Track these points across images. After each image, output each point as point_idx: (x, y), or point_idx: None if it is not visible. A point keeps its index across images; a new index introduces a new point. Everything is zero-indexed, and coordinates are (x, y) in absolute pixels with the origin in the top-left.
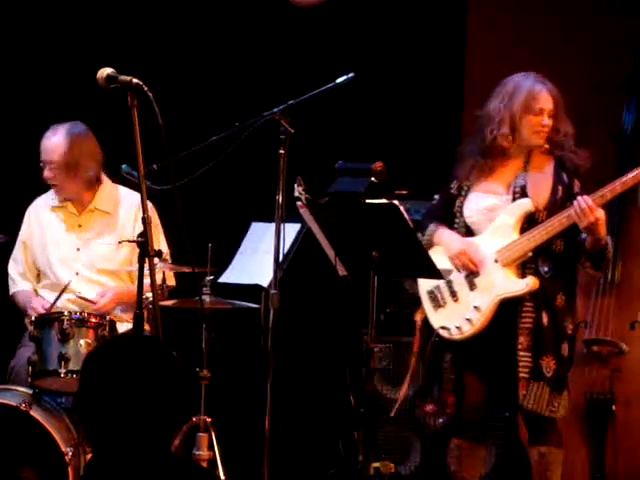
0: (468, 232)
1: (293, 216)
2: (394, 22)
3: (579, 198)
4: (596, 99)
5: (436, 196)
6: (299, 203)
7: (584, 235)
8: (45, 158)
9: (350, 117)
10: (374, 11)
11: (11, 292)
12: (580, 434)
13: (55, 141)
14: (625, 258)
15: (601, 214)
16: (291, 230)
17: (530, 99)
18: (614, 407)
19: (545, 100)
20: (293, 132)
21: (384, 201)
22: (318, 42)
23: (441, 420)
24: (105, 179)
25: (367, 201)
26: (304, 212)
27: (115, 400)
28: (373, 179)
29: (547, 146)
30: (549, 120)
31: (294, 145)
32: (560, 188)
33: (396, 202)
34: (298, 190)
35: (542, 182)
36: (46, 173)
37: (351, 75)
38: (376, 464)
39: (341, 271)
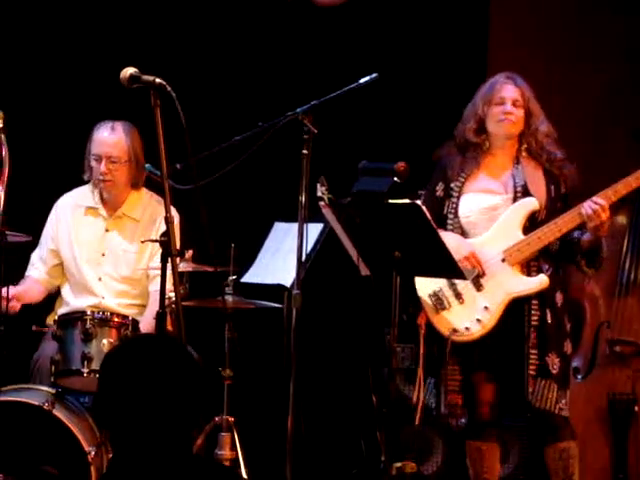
0: (462, 233)
1: (316, 216)
2: (417, 22)
3: (592, 199)
4: (616, 95)
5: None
6: (322, 203)
7: (577, 234)
8: (103, 152)
9: (373, 117)
10: (396, 11)
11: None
12: (602, 434)
13: (116, 136)
14: None
15: (608, 213)
16: (314, 230)
17: (491, 91)
18: (636, 407)
19: (506, 90)
20: (316, 132)
21: (407, 201)
22: (341, 42)
23: (463, 420)
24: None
25: (390, 201)
26: (327, 212)
27: (134, 400)
28: (396, 179)
29: (530, 146)
30: (513, 108)
31: (317, 145)
32: (552, 187)
33: (419, 202)
34: (321, 190)
35: (537, 182)
36: (103, 168)
37: (374, 75)
38: (398, 464)
39: (363, 271)
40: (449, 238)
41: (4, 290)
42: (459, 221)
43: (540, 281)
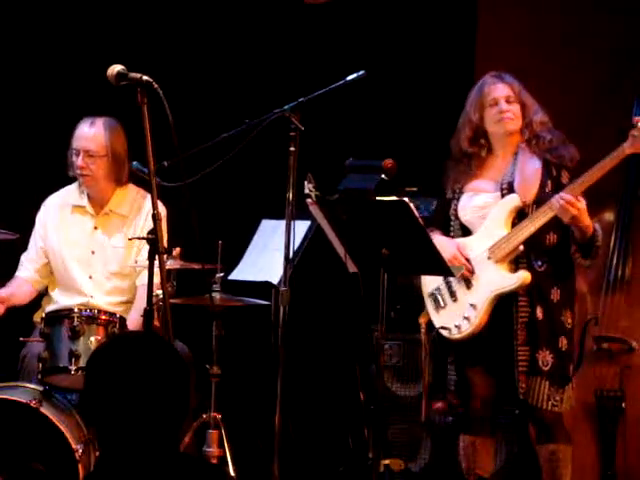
0: (465, 232)
1: (303, 213)
2: (404, 20)
3: (556, 196)
4: (607, 92)
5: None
6: (309, 200)
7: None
8: (81, 146)
9: (360, 114)
10: (384, 9)
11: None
12: (590, 431)
13: (95, 131)
14: (635, 255)
15: (582, 204)
16: (301, 227)
17: (480, 95)
18: (624, 404)
19: (496, 89)
20: (303, 129)
21: (394, 198)
22: (329, 39)
23: (450, 417)
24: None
25: (377, 198)
26: (314, 209)
27: (120, 398)
28: (383, 176)
29: (528, 137)
30: (508, 105)
31: (304, 142)
32: (549, 182)
33: (406, 199)
34: (308, 187)
35: (531, 177)
36: (80, 162)
37: (362, 72)
38: (386, 461)
39: (351, 268)
40: (437, 239)
41: None
42: (459, 222)
43: (519, 277)
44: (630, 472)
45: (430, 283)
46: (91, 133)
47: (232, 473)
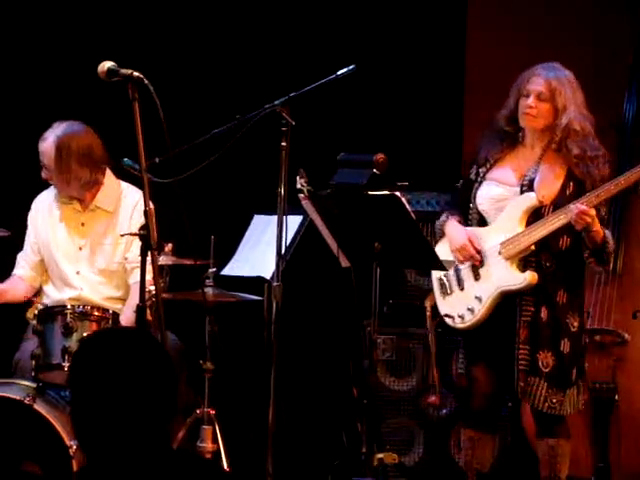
0: (481, 219)
1: (295, 208)
2: (395, 14)
3: (572, 206)
4: (596, 86)
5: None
6: (301, 195)
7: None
8: (41, 160)
9: (352, 109)
10: (375, 3)
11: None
12: (583, 423)
13: (46, 145)
14: (627, 248)
15: (593, 213)
16: (293, 222)
17: (522, 82)
18: (617, 396)
19: (534, 82)
20: (294, 124)
21: (386, 192)
22: (319, 34)
23: (444, 411)
24: (108, 176)
25: (369, 192)
26: (306, 204)
27: (106, 394)
28: (375, 171)
29: (557, 140)
30: (536, 102)
31: (295, 137)
32: (572, 184)
33: (398, 193)
34: (300, 182)
35: (552, 177)
36: (42, 174)
37: (352, 67)
38: (380, 455)
39: (344, 263)
40: (448, 227)
41: None
42: (476, 208)
43: (525, 278)
44: (623, 464)
45: None
46: (43, 148)
47: (226, 468)
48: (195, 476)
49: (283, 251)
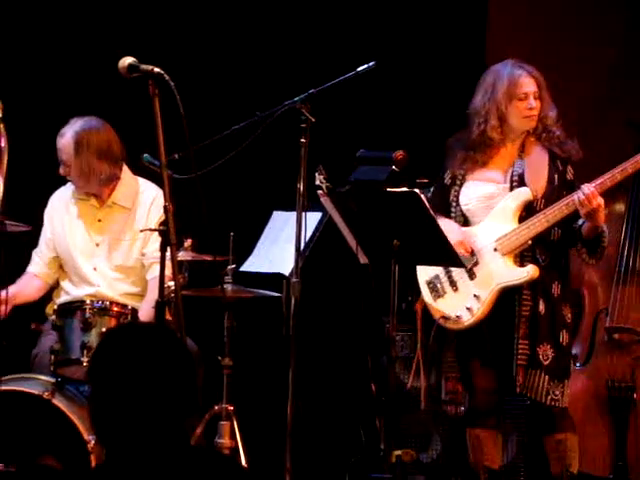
0: (465, 221)
1: (314, 205)
2: (415, 10)
3: (583, 186)
4: (613, 83)
5: (431, 189)
6: (320, 192)
7: (580, 221)
8: (59, 156)
9: (371, 106)
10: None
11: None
12: (601, 422)
13: (64, 141)
14: None
15: (601, 201)
16: (312, 219)
17: (512, 86)
18: (635, 395)
19: (527, 83)
20: (314, 121)
21: (405, 189)
22: (339, 30)
23: (462, 408)
24: (125, 172)
25: (388, 189)
26: (325, 201)
27: (126, 390)
28: (394, 167)
29: (538, 131)
30: (536, 102)
31: (315, 134)
32: (556, 176)
33: (417, 190)
34: (319, 179)
35: (539, 170)
36: (60, 170)
37: (372, 63)
38: (397, 452)
39: (362, 259)
40: (443, 224)
41: (3, 292)
42: (460, 209)
43: (528, 272)
44: None
45: (428, 271)
46: (62, 144)
47: (244, 464)
48: (213, 472)
49: (302, 248)
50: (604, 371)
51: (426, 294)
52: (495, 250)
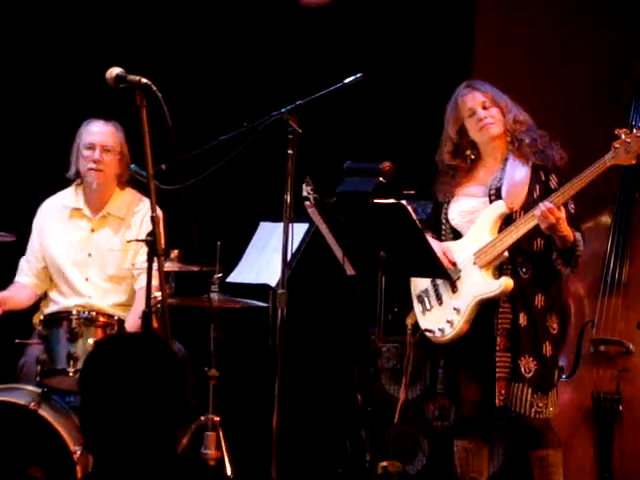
0: (455, 236)
1: (301, 216)
2: (402, 22)
3: (540, 204)
4: (603, 96)
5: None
6: (307, 203)
7: None
8: (98, 141)
9: (358, 117)
10: (381, 11)
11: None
12: (587, 434)
13: (112, 128)
14: (632, 257)
15: (561, 214)
16: (299, 230)
17: (457, 108)
18: (621, 407)
19: (469, 99)
20: (301, 132)
21: (392, 201)
22: (326, 42)
23: (447, 423)
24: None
25: (375, 201)
26: (312, 212)
27: (115, 400)
28: (381, 179)
29: (509, 141)
30: (485, 111)
31: (302, 145)
32: (537, 187)
33: (404, 202)
34: (306, 190)
35: (519, 183)
36: (97, 155)
37: (359, 75)
38: (384, 463)
39: (349, 271)
40: None
41: None
42: (449, 225)
43: (500, 284)
44: (627, 475)
45: (419, 284)
46: (108, 129)
47: (230, 475)
48: None
49: (289, 259)
50: (590, 383)
51: (416, 308)
52: (474, 263)
